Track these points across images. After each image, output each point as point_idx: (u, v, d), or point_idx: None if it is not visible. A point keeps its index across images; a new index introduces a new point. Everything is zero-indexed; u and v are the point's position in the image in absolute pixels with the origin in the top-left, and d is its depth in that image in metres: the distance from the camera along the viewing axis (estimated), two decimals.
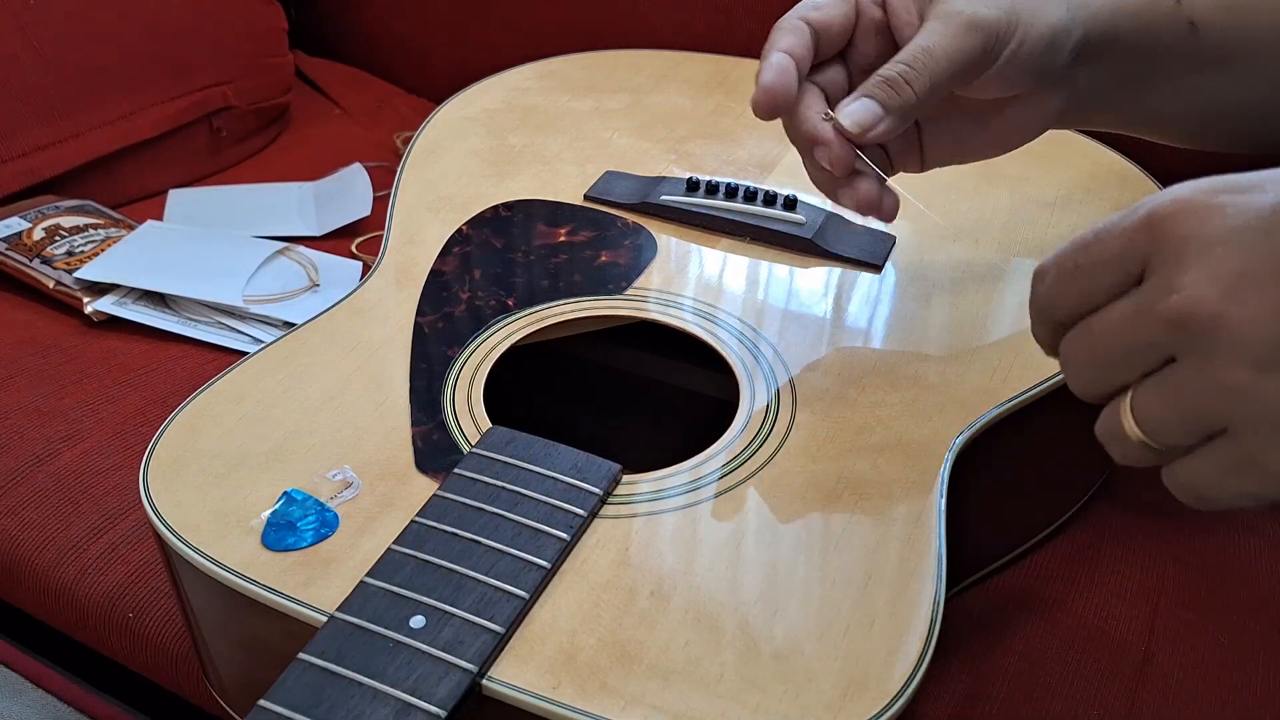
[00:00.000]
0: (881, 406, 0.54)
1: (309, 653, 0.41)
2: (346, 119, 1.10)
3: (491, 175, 0.72)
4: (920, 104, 0.49)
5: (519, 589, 0.44)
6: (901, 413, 0.54)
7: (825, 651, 0.43)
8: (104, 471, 0.65)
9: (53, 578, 0.61)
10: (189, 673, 0.57)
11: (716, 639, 0.43)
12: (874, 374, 0.56)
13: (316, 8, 1.17)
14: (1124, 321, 0.35)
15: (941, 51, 0.49)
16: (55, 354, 0.74)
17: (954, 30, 0.49)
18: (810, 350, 0.58)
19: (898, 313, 0.61)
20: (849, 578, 0.46)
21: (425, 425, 0.53)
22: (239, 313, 0.77)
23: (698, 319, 0.60)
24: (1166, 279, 0.33)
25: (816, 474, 0.51)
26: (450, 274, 0.63)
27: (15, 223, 0.82)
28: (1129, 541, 0.64)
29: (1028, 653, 0.57)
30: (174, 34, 0.96)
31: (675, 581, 0.45)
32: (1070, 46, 0.51)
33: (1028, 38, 0.49)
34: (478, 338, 0.58)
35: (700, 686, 0.41)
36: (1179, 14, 0.53)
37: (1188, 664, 0.57)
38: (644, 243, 0.66)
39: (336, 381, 0.55)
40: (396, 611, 0.43)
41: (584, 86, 0.83)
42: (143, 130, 0.93)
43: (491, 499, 0.48)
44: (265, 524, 0.47)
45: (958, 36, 0.49)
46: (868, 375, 0.56)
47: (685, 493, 0.50)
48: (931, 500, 0.49)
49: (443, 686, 0.40)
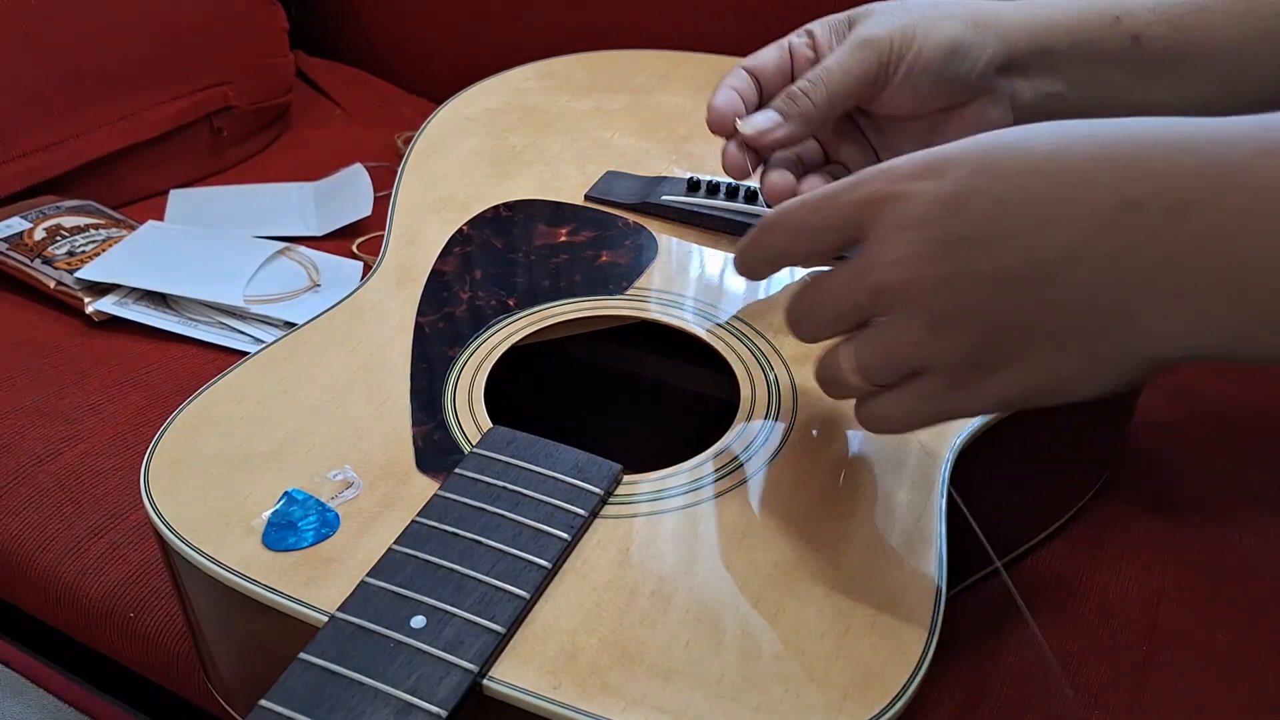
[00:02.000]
0: None
1: (310, 653, 0.41)
2: (347, 119, 1.10)
3: (492, 175, 0.72)
4: (821, 114, 0.57)
5: (520, 589, 0.44)
6: None
7: (826, 652, 0.43)
8: (105, 471, 0.65)
9: (53, 577, 0.61)
10: (189, 672, 0.57)
11: (717, 639, 0.43)
12: None
13: (317, 8, 1.17)
14: (841, 288, 0.43)
15: (838, 67, 0.57)
16: (56, 354, 0.74)
17: (849, 49, 0.57)
18: (810, 350, 0.58)
19: None
20: (850, 578, 0.46)
21: (426, 425, 0.53)
22: (240, 313, 0.77)
23: (698, 319, 0.60)
24: (872, 256, 0.41)
25: (817, 474, 0.51)
26: (451, 274, 0.63)
27: (16, 223, 0.82)
28: (1130, 542, 0.64)
29: (1028, 655, 0.57)
30: (175, 34, 0.97)
31: (676, 581, 0.45)
32: (982, 60, 0.56)
33: (923, 51, 0.56)
34: (478, 337, 0.58)
35: (701, 687, 0.41)
36: (1120, 29, 0.56)
37: (1189, 665, 0.57)
38: (644, 243, 0.66)
39: (337, 381, 0.55)
40: (397, 611, 0.43)
41: (585, 86, 0.83)
42: (144, 130, 0.93)
43: (492, 499, 0.48)
44: (266, 524, 0.47)
45: (853, 54, 0.56)
46: None
47: (686, 493, 0.50)
48: (932, 500, 0.49)
49: (443, 686, 0.40)
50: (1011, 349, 0.40)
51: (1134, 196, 0.37)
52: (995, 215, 0.39)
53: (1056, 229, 0.38)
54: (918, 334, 0.41)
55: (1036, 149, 0.39)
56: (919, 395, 0.43)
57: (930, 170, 0.41)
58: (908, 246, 0.40)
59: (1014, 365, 0.40)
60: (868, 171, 0.43)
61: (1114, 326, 0.38)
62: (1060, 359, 0.40)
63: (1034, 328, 0.39)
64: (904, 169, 0.41)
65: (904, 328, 0.41)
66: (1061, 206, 0.38)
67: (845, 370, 0.44)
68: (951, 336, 0.40)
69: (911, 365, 0.42)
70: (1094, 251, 0.37)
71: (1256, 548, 0.64)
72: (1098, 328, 0.39)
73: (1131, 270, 0.37)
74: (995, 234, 0.39)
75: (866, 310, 0.43)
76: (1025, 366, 0.40)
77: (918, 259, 0.40)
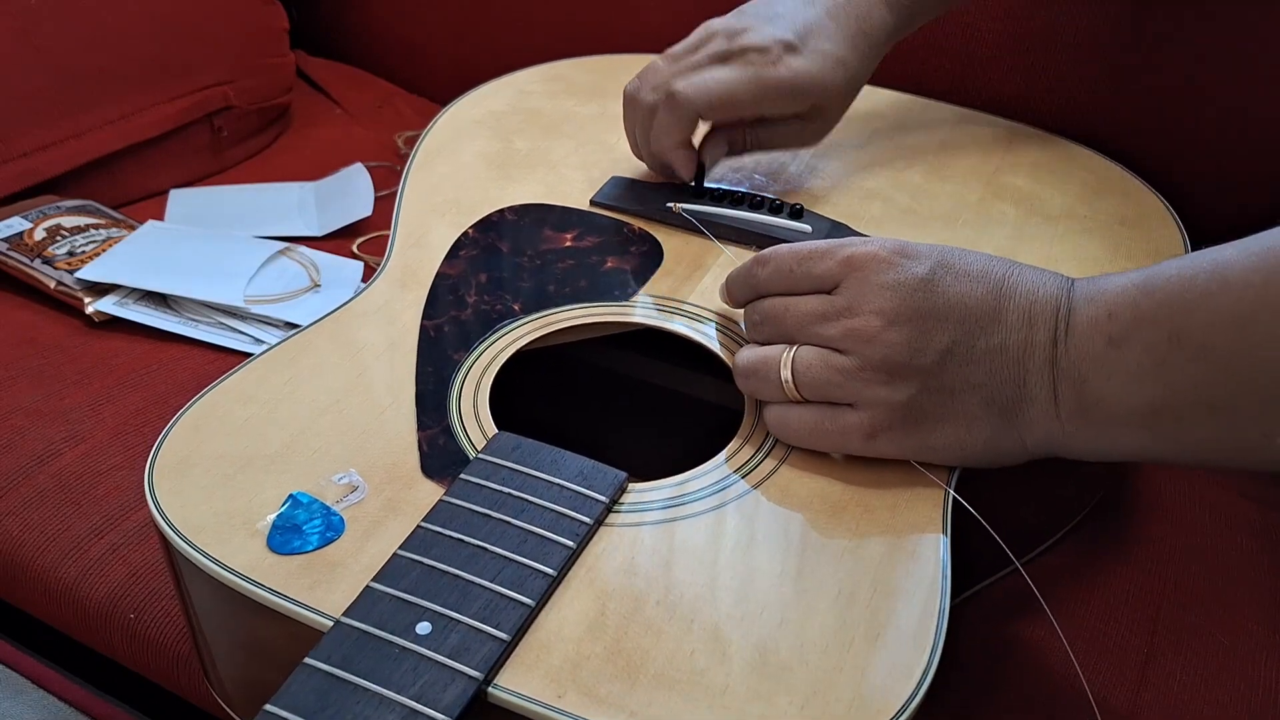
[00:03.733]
0: None
1: (315, 657, 0.41)
2: (348, 119, 1.10)
3: (497, 179, 0.72)
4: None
5: (525, 596, 0.44)
6: None
7: (831, 663, 0.43)
8: (105, 472, 0.65)
9: (54, 578, 0.61)
10: (190, 674, 0.57)
11: (722, 650, 0.43)
12: None
13: (318, 8, 1.17)
14: (812, 313, 0.51)
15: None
16: (56, 354, 0.74)
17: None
18: None
19: None
20: (854, 590, 0.46)
21: (431, 429, 0.53)
22: (240, 313, 0.77)
23: (704, 326, 0.60)
24: (851, 300, 0.50)
25: (822, 485, 0.51)
26: (456, 277, 0.63)
27: (16, 223, 0.82)
28: (1131, 543, 0.65)
29: (1030, 656, 0.57)
30: (175, 34, 0.96)
31: (681, 591, 0.45)
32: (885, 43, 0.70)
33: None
34: (484, 342, 0.58)
35: (706, 697, 0.41)
36: None
37: (1190, 666, 0.57)
38: (650, 249, 0.66)
39: (342, 384, 0.55)
40: (402, 617, 0.43)
41: (590, 90, 0.83)
42: (144, 130, 0.93)
43: (498, 505, 0.47)
44: (270, 527, 0.47)
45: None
46: None
47: (691, 502, 0.50)
48: (936, 511, 0.49)
49: (449, 693, 0.40)
50: (935, 411, 0.49)
51: (1032, 313, 0.48)
52: (954, 300, 0.49)
53: (990, 328, 0.49)
54: (869, 374, 0.49)
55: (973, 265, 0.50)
56: (840, 426, 0.50)
57: (905, 253, 0.50)
58: (888, 304, 0.49)
59: (931, 429, 0.49)
60: (846, 240, 0.52)
61: (1011, 423, 0.49)
62: (965, 437, 0.49)
63: (959, 400, 0.49)
64: (886, 244, 0.51)
65: (860, 365, 0.49)
66: (995, 303, 0.49)
67: (778, 370, 0.52)
68: (897, 385, 0.49)
69: (849, 398, 0.50)
70: (1010, 355, 0.48)
71: (1257, 550, 0.64)
72: (1001, 421, 0.49)
73: (1031, 380, 0.48)
74: (952, 317, 0.49)
75: (833, 342, 0.50)
76: (937, 433, 0.49)
77: (893, 316, 0.49)
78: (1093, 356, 0.46)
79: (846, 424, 0.50)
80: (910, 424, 0.49)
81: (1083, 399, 0.47)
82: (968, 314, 0.49)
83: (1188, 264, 0.45)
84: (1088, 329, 0.47)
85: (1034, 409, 0.48)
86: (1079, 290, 0.48)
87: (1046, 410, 0.48)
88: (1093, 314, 0.47)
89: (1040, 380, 0.48)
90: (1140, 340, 0.45)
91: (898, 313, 0.49)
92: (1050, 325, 0.48)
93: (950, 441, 0.50)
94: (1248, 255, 0.43)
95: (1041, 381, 0.48)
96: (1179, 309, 0.44)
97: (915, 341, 0.49)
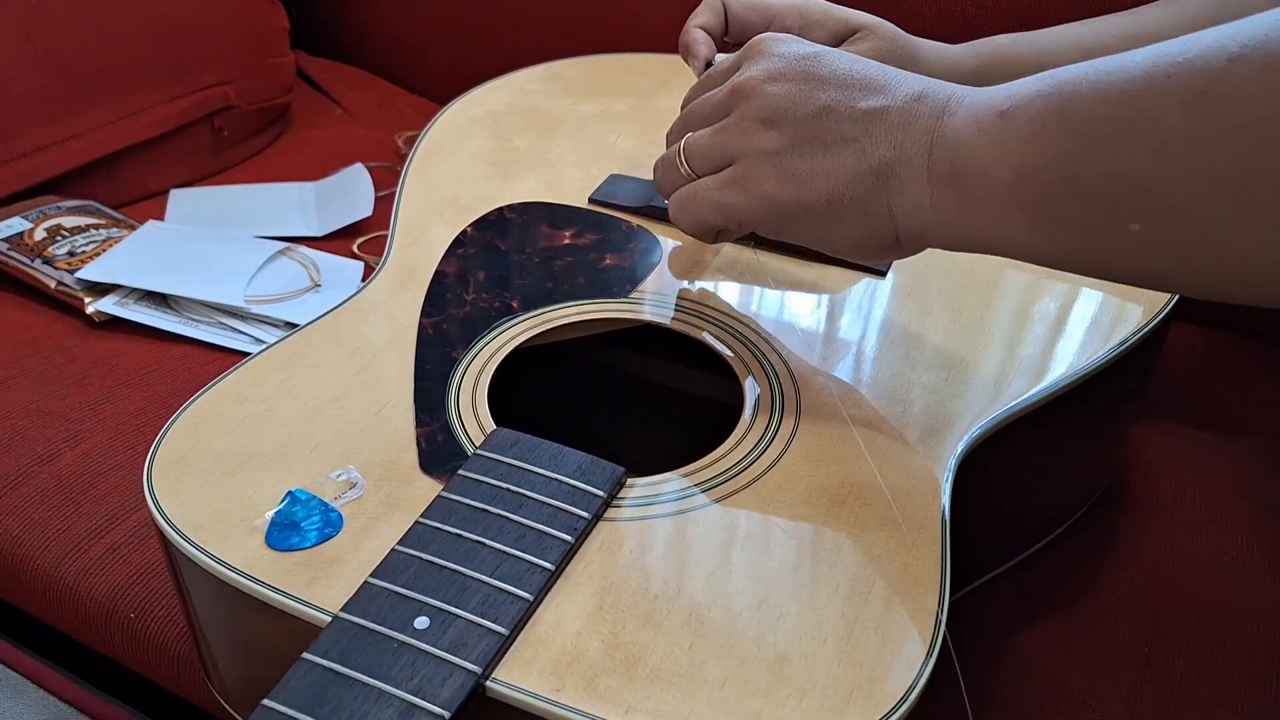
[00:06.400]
0: (886, 411, 0.54)
1: (313, 653, 0.41)
2: (348, 119, 1.10)
3: (496, 177, 0.72)
4: None
5: (523, 591, 0.44)
6: (905, 418, 0.54)
7: (829, 657, 0.43)
8: (105, 472, 0.65)
9: (54, 578, 0.61)
10: (190, 673, 0.57)
11: (720, 643, 0.43)
12: (878, 379, 0.56)
13: (318, 8, 1.17)
14: (715, 96, 0.54)
15: None
16: (56, 354, 0.74)
17: None
18: (814, 354, 0.58)
19: (901, 318, 0.61)
20: (853, 583, 0.46)
21: (429, 426, 0.53)
22: (240, 313, 0.77)
23: (702, 322, 0.60)
24: (741, 69, 0.53)
25: (820, 479, 0.51)
26: (454, 276, 0.63)
27: (17, 223, 0.82)
28: (1131, 545, 0.64)
29: (1030, 656, 0.57)
30: (175, 34, 0.96)
31: (679, 585, 0.45)
32: None
33: None
34: (482, 339, 0.58)
35: (704, 691, 0.41)
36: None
37: (1190, 667, 0.57)
38: (648, 246, 0.66)
39: (341, 382, 0.55)
40: (401, 612, 0.43)
41: (588, 89, 0.84)
42: (144, 130, 0.93)
43: (496, 500, 0.48)
44: (269, 524, 0.47)
45: None
46: (872, 380, 0.56)
47: (690, 496, 0.50)
48: (935, 506, 0.49)
49: (447, 688, 0.40)
50: (808, 164, 0.50)
51: (923, 91, 0.49)
52: (840, 72, 0.51)
53: (875, 94, 0.49)
54: (748, 125, 0.51)
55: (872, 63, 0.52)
56: (718, 183, 0.52)
57: (801, 37, 0.54)
58: (770, 65, 0.52)
59: (803, 180, 0.50)
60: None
61: (883, 186, 0.49)
62: (836, 192, 0.49)
63: (832, 154, 0.49)
64: (780, 35, 0.54)
65: (739, 118, 0.52)
66: (883, 80, 0.50)
67: (676, 157, 0.54)
68: (773, 133, 0.50)
69: (730, 153, 0.52)
70: (891, 119, 0.48)
71: (1257, 551, 0.64)
72: (873, 181, 0.49)
73: (908, 143, 0.48)
74: (835, 82, 0.50)
75: (720, 108, 0.53)
76: (809, 186, 0.50)
77: (774, 74, 0.51)
78: (979, 125, 0.46)
79: (722, 179, 0.52)
80: (782, 177, 0.50)
81: (955, 164, 0.46)
82: (853, 81, 0.50)
83: (1099, 60, 0.44)
84: (984, 105, 0.46)
85: (905, 170, 0.48)
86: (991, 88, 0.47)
87: (918, 173, 0.48)
88: (994, 95, 0.46)
89: (917, 144, 0.48)
90: (1029, 111, 0.44)
91: (781, 72, 0.51)
92: (940, 102, 0.48)
93: (821, 198, 0.49)
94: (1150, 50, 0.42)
95: (918, 146, 0.48)
96: (1074, 87, 0.43)
97: (795, 95, 0.50)
